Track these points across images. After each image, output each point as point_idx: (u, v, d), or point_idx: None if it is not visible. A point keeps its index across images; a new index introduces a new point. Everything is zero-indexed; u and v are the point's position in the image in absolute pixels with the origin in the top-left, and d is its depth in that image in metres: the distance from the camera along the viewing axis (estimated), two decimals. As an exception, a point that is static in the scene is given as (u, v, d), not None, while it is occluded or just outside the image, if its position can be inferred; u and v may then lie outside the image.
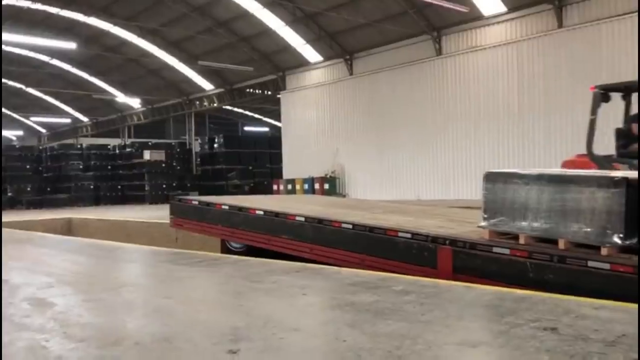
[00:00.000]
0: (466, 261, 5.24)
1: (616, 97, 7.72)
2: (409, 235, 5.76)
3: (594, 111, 7.57)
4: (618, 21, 15.48)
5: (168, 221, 10.45)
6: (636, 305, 3.54)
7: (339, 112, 24.49)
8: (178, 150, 35.37)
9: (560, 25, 17.02)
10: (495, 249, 5.07)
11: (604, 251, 4.60)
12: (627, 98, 7.86)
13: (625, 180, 4.63)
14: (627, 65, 14.57)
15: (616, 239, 4.62)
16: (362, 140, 23.66)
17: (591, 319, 3.35)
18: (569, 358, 2.66)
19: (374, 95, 22.92)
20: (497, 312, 3.65)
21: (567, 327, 3.17)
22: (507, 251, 5.00)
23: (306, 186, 23.93)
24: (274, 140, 34.01)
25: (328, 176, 24.28)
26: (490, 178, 5.50)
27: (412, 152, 21.56)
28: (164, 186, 31.29)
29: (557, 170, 5.27)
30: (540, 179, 5.18)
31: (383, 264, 5.91)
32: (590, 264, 4.50)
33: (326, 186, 23.57)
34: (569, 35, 16.78)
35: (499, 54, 18.83)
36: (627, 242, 4.59)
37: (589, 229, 4.82)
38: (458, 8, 17.59)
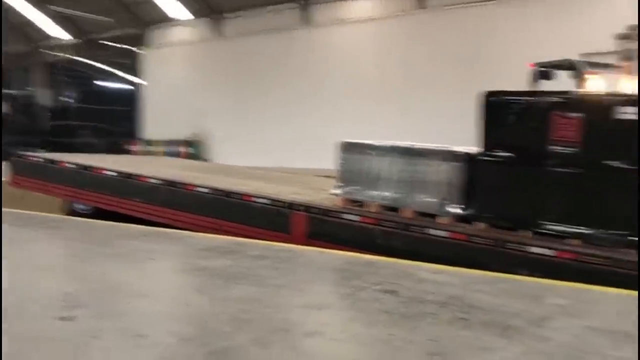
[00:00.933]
0: (320, 227, 5.39)
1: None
2: (265, 201, 5.80)
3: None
4: (481, 6, 16.53)
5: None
6: (465, 269, 3.87)
7: (207, 75, 23.74)
8: (24, 103, 32.27)
9: (423, 7, 17.83)
10: (346, 216, 5.27)
11: (442, 220, 4.97)
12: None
13: (466, 154, 5.01)
14: (490, 49, 15.76)
15: (454, 209, 5.01)
16: (230, 105, 23.21)
17: (429, 282, 3.59)
18: (405, 318, 2.84)
19: (243, 60, 22.49)
20: (345, 276, 3.80)
21: (406, 290, 3.37)
22: (357, 218, 5.22)
23: (168, 149, 23.05)
24: (134, 98, 32.25)
25: (192, 140, 23.58)
26: (346, 148, 5.68)
27: (280, 121, 21.59)
28: (11, 142, 28.48)
29: (408, 143, 5.57)
30: (393, 150, 5.44)
31: (240, 230, 5.90)
32: (431, 232, 4.85)
33: (190, 150, 22.88)
34: (431, 16, 17.64)
35: (365, 29, 19.34)
36: (465, 212, 5.00)
37: (432, 199, 5.17)
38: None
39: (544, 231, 4.61)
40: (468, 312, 2.95)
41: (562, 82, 4.94)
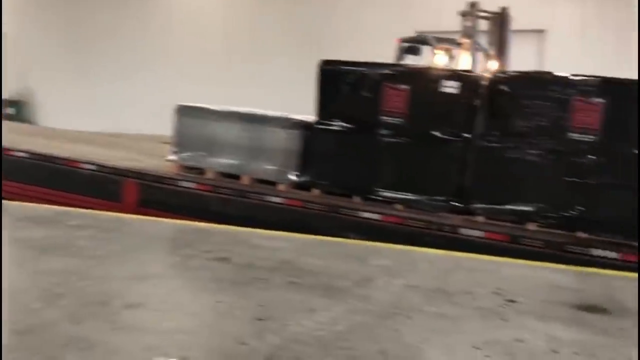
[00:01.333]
0: (152, 195, 5.13)
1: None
2: (93, 167, 5.37)
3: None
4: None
5: None
6: (297, 235, 3.92)
7: (32, 26, 21.39)
8: None
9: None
10: (181, 183, 5.07)
11: (280, 187, 4.99)
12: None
13: (304, 123, 5.05)
14: (337, 20, 16.10)
15: (291, 176, 5.05)
16: (58, 63, 21.12)
17: (261, 248, 3.57)
18: (235, 285, 2.78)
19: (72, 15, 20.61)
20: (174, 245, 3.64)
21: (238, 257, 3.31)
22: (193, 185, 5.05)
23: (-17, 109, 20.49)
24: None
25: (14, 99, 21.19)
26: (182, 112, 5.44)
27: (118, 81, 20.17)
28: None
29: (247, 109, 5.48)
30: (231, 116, 5.32)
31: (66, 198, 5.41)
32: (268, 198, 4.84)
33: (10, 111, 20.56)
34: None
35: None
36: (302, 180, 5.07)
37: (270, 167, 5.16)
38: None
39: (375, 197, 4.83)
40: (297, 276, 2.97)
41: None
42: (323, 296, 2.66)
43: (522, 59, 11.52)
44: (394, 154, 4.77)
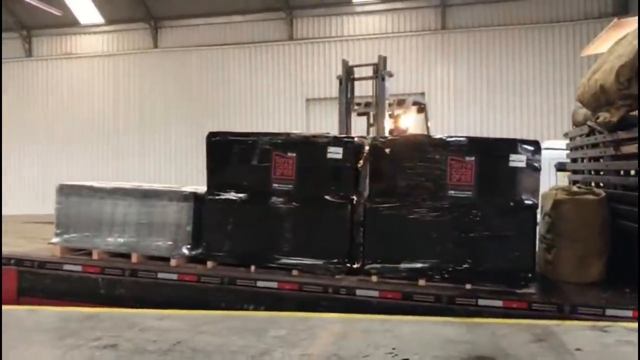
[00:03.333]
0: (34, 282, 4.79)
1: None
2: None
3: None
4: (206, 50, 17.02)
5: None
6: (193, 312, 3.80)
7: None
8: None
9: (155, 46, 17.70)
10: (65, 267, 4.78)
11: (173, 262, 4.85)
12: None
13: (194, 194, 5.00)
14: (224, 89, 16.31)
15: (184, 250, 4.93)
16: None
17: (153, 330, 3.42)
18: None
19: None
20: (57, 335, 3.39)
21: (127, 342, 3.15)
22: (78, 268, 4.78)
23: None
24: None
25: None
26: (63, 191, 5.20)
27: (-4, 160, 18.88)
28: None
29: (132, 184, 5.33)
30: (117, 192, 5.15)
31: None
32: (160, 275, 4.68)
33: None
34: (164, 56, 17.60)
35: (95, 64, 18.38)
36: (194, 253, 4.96)
37: (161, 242, 5.01)
38: (51, 10, 16.44)
39: (272, 265, 4.81)
40: (190, 357, 2.86)
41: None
42: (217, 376, 2.57)
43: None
44: (287, 220, 4.81)
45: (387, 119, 8.52)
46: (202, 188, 5.09)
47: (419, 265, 4.54)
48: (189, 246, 4.94)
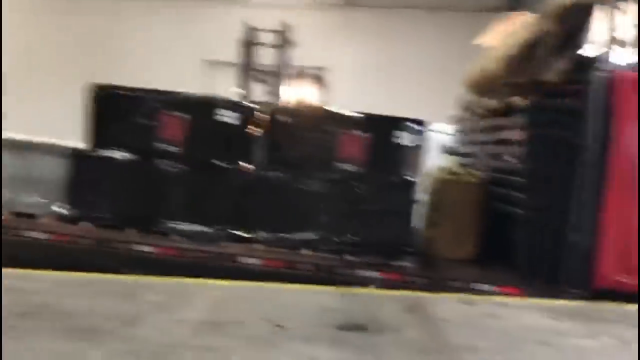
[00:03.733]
0: None
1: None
2: None
3: None
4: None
5: None
6: (63, 273, 3.58)
7: None
8: None
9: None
10: None
11: (43, 221, 4.54)
12: None
13: (73, 150, 4.69)
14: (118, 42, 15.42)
15: (59, 209, 4.63)
16: None
17: (15, 291, 3.16)
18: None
19: None
20: None
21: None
22: None
23: None
24: None
25: None
26: None
27: None
28: None
29: (7, 134, 4.90)
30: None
31: None
32: (28, 234, 4.37)
33: None
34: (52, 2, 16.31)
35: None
36: (70, 212, 4.67)
37: (35, 199, 4.69)
38: None
39: (154, 230, 4.64)
40: (55, 320, 2.68)
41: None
42: (82, 340, 2.43)
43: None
44: (173, 183, 4.66)
45: (286, 89, 8.49)
46: (81, 144, 4.78)
47: (304, 235, 4.58)
48: (63, 205, 4.63)
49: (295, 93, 9.53)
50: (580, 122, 4.18)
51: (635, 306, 3.83)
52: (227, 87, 8.11)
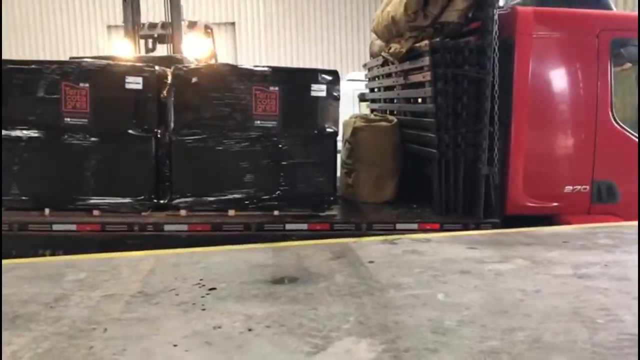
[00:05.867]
0: None
1: None
2: None
3: None
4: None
5: None
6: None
7: None
8: None
9: None
10: None
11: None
12: None
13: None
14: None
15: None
16: None
17: None
18: None
19: None
20: None
21: None
22: None
23: None
24: None
25: None
26: None
27: None
28: None
29: None
30: None
31: None
32: None
33: None
34: None
35: None
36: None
37: None
38: None
39: (71, 207, 4.47)
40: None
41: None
42: (4, 328, 2.34)
43: (219, 49, 11.90)
44: (84, 157, 4.47)
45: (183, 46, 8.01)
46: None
47: (228, 196, 4.56)
48: (-32, 191, 4.35)
49: (195, 49, 9.09)
50: (483, 58, 4.35)
51: (544, 228, 4.14)
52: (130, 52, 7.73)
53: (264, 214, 4.53)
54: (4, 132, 4.37)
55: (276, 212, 4.54)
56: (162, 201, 4.56)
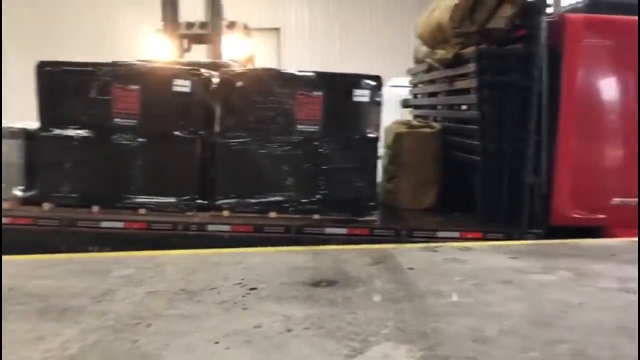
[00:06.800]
0: None
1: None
2: None
3: None
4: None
5: None
6: (28, 257, 3.54)
7: None
8: None
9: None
10: None
11: (5, 205, 4.45)
12: None
13: (24, 131, 4.57)
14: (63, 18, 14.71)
15: (17, 192, 4.53)
16: None
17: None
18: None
19: None
20: None
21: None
22: None
23: None
24: None
25: None
26: None
27: None
28: None
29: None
30: None
31: None
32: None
33: None
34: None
35: None
36: (29, 194, 4.58)
37: (-11, 184, 4.56)
38: None
39: (118, 205, 4.60)
40: (24, 303, 2.67)
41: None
42: (53, 320, 2.44)
43: (263, 54, 12.05)
44: (133, 157, 4.60)
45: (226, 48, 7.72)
46: (35, 124, 4.66)
47: (270, 198, 4.61)
48: (22, 187, 4.54)
49: (233, 50, 8.76)
50: (530, 66, 4.28)
51: (589, 240, 4.04)
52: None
53: (303, 217, 4.57)
54: (57, 131, 4.53)
55: (316, 216, 4.57)
56: (205, 201, 4.65)
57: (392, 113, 9.16)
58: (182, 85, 4.47)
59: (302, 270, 3.25)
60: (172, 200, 4.62)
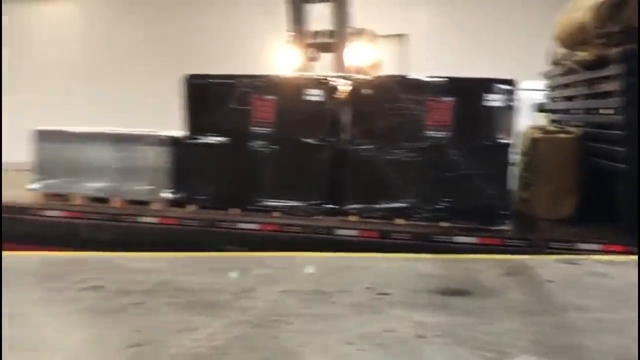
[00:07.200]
0: (14, 228, 4.78)
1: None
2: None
3: None
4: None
5: None
6: (174, 254, 3.85)
7: None
8: None
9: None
10: (46, 212, 4.78)
11: (154, 206, 4.87)
12: None
13: (172, 138, 4.98)
14: (201, 34, 15.77)
15: (165, 194, 4.95)
16: None
17: (137, 272, 3.45)
18: (107, 313, 2.68)
19: None
20: (40, 279, 3.43)
21: (112, 283, 3.18)
22: (58, 213, 4.78)
23: None
24: None
25: None
26: (41, 137, 5.15)
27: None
28: None
29: (112, 129, 5.28)
30: (95, 137, 5.11)
31: None
32: (141, 219, 4.71)
33: None
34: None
35: (65, 9, 17.74)
36: (176, 196, 4.98)
37: (142, 186, 5.02)
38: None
39: (253, 207, 4.87)
40: (175, 296, 2.92)
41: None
42: (201, 313, 2.64)
43: (389, 61, 12.07)
44: (267, 163, 4.84)
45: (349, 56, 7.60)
46: (179, 132, 5.06)
47: (397, 204, 4.63)
48: (169, 190, 4.95)
49: (359, 57, 8.54)
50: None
51: None
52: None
53: (432, 224, 4.53)
54: (201, 138, 4.89)
55: (442, 224, 4.51)
56: (334, 206, 4.76)
57: (525, 117, 8.77)
58: (314, 95, 4.64)
59: (432, 278, 3.23)
60: (302, 204, 4.79)
